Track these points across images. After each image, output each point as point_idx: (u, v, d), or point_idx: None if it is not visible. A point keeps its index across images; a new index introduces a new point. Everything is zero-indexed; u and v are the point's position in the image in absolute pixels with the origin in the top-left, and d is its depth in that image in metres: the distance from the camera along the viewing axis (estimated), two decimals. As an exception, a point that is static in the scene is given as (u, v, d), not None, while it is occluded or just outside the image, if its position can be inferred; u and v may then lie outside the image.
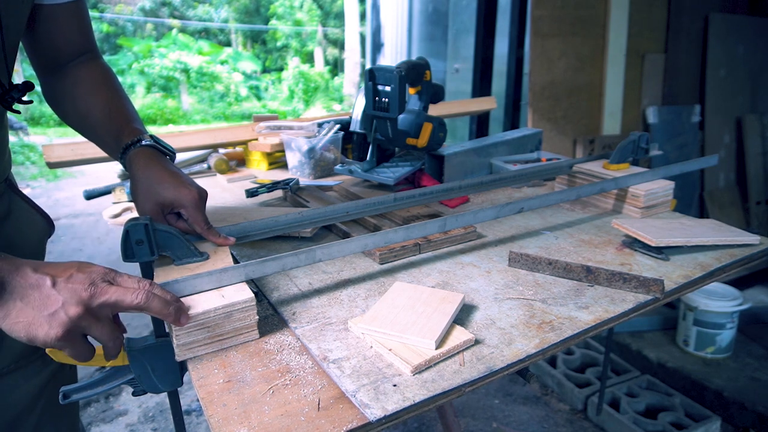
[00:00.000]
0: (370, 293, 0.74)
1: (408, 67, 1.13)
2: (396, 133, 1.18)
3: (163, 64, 11.17)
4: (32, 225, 0.83)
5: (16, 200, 0.81)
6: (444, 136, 1.23)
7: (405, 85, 1.11)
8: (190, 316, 0.58)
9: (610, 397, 2.03)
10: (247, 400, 0.53)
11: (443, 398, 0.55)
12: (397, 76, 1.07)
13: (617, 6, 2.60)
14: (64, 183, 6.07)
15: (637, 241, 0.88)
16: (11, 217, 0.79)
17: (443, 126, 1.24)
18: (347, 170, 1.24)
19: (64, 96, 0.85)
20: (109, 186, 1.29)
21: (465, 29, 3.80)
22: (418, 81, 1.21)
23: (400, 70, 1.08)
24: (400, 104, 1.10)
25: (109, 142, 0.82)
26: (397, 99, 1.09)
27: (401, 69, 1.09)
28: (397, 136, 1.19)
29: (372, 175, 1.20)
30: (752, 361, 2.21)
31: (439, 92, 1.30)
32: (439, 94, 1.30)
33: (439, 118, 1.23)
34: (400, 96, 1.09)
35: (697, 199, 2.94)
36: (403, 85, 1.09)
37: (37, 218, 0.85)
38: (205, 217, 0.75)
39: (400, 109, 1.11)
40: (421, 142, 1.18)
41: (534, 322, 0.66)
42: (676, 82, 2.88)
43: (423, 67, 1.21)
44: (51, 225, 0.89)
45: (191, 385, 0.70)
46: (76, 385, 0.63)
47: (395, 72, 1.08)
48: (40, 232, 0.86)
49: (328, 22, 14.74)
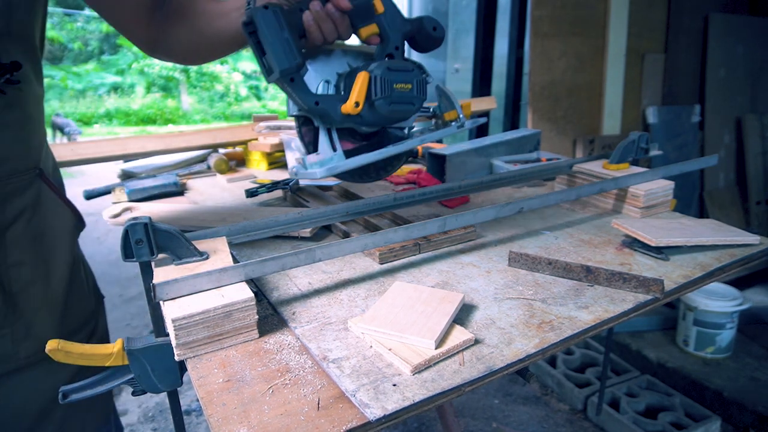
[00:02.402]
0: (370, 293, 0.74)
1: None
2: (306, 97, 0.77)
3: (162, 64, 11.17)
4: (61, 219, 0.84)
5: (46, 191, 0.81)
6: (417, 86, 0.79)
7: (278, 21, 0.72)
8: (190, 316, 0.58)
9: (610, 397, 2.03)
10: (246, 400, 0.53)
11: (443, 398, 0.55)
12: (262, 14, 0.71)
13: (617, 6, 2.60)
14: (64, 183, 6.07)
15: (637, 241, 0.88)
16: (41, 208, 0.79)
17: (407, 71, 0.78)
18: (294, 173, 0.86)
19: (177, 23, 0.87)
20: (109, 186, 1.29)
21: (465, 29, 3.80)
22: (363, 17, 0.79)
23: (272, 4, 0.73)
24: (285, 52, 0.72)
25: (226, 14, 0.84)
26: (278, 46, 0.72)
27: (272, 3, 0.73)
28: (308, 102, 0.77)
29: (307, 170, 0.82)
30: (752, 361, 2.21)
31: (424, 28, 0.83)
32: (424, 30, 0.83)
33: (398, 62, 0.78)
34: (279, 40, 0.72)
35: (697, 199, 2.94)
36: (273, 21, 0.71)
37: (67, 213, 0.85)
38: None
39: (286, 56, 0.72)
40: (350, 102, 0.75)
41: (534, 322, 0.66)
42: (676, 82, 2.88)
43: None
44: (81, 221, 0.90)
45: (191, 385, 0.70)
46: (75, 385, 0.63)
47: (261, 9, 0.72)
48: (70, 227, 0.86)
49: (328, 22, 14.72)
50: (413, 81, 0.78)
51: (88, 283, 0.93)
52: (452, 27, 4.04)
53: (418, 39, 0.84)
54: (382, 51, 0.82)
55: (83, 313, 0.89)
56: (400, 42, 0.82)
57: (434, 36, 0.83)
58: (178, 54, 0.92)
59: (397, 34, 0.81)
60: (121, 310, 3.02)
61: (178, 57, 0.93)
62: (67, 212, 0.86)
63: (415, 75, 0.78)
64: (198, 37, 0.87)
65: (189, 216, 1.06)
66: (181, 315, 0.58)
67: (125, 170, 1.44)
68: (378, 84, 0.76)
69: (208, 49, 0.90)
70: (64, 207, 0.85)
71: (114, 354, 0.61)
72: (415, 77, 0.78)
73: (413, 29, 0.82)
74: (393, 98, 0.76)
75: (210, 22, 0.85)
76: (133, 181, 1.28)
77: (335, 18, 0.77)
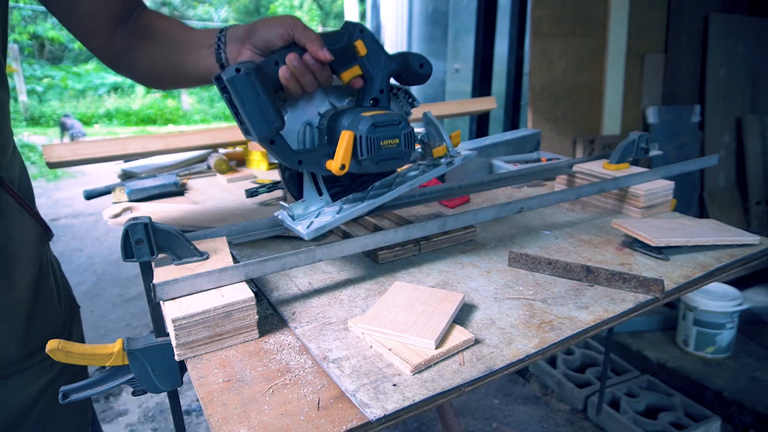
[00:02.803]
0: (370, 293, 0.74)
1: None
2: (288, 158, 0.73)
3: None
4: (25, 229, 0.79)
5: (8, 201, 0.76)
6: (404, 141, 0.74)
7: (253, 85, 0.67)
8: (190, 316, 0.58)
9: (610, 397, 2.03)
10: (246, 400, 0.53)
11: (443, 398, 0.55)
12: (235, 80, 0.66)
13: (617, 6, 2.60)
14: (64, 183, 6.07)
15: (637, 241, 0.88)
16: (1, 219, 0.74)
17: (394, 124, 0.73)
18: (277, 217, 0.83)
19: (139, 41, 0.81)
20: (109, 186, 1.29)
21: (465, 29, 3.80)
22: (344, 61, 0.75)
23: (245, 65, 0.67)
24: (263, 116, 0.68)
25: (195, 50, 0.77)
26: (254, 111, 0.67)
27: (246, 64, 0.67)
28: (291, 162, 0.73)
29: (294, 223, 0.77)
30: (752, 361, 2.21)
31: (410, 66, 0.79)
32: (410, 68, 0.79)
33: (384, 115, 0.72)
34: (256, 105, 0.67)
35: (697, 199, 2.94)
36: (247, 86, 0.66)
37: (31, 223, 0.80)
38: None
39: (263, 121, 0.68)
40: (335, 164, 0.71)
41: (534, 322, 0.66)
42: (676, 82, 2.88)
43: (340, 36, 0.74)
44: (48, 231, 0.85)
45: (191, 384, 0.70)
46: (75, 385, 0.63)
47: (233, 74, 0.66)
48: (34, 237, 0.80)
49: (328, 22, 14.74)
50: (400, 135, 0.73)
51: (60, 293, 0.88)
52: (452, 27, 4.04)
53: (404, 76, 0.80)
54: (366, 94, 0.78)
55: (53, 326, 0.84)
56: (385, 84, 0.78)
57: (421, 73, 0.80)
58: (139, 75, 0.85)
59: (382, 74, 0.77)
60: (121, 310, 3.02)
61: (139, 78, 0.86)
62: (31, 222, 0.80)
63: (402, 128, 0.73)
64: (163, 63, 0.80)
65: (189, 216, 1.06)
66: (181, 315, 0.58)
67: (125, 170, 1.44)
68: (364, 143, 0.71)
69: (172, 78, 0.82)
70: (28, 217, 0.79)
71: (114, 354, 0.61)
72: (402, 131, 0.73)
73: (399, 67, 0.78)
74: (380, 156, 0.73)
75: (177, 53, 0.78)
76: (133, 181, 1.28)
77: (314, 69, 0.72)
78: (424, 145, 0.86)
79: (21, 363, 0.77)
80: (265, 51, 0.72)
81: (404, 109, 0.84)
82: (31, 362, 0.78)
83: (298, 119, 0.78)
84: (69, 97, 10.59)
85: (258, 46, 0.72)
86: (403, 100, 0.84)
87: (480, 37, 3.16)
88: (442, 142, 0.83)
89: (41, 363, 0.80)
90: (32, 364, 0.78)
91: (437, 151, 0.83)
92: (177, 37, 0.79)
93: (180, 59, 0.78)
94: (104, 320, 2.92)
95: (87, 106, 10.31)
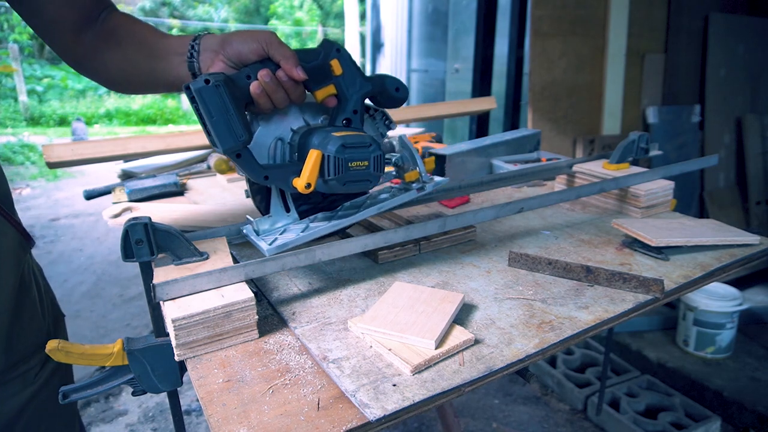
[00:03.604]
0: (370, 293, 0.74)
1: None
2: (255, 173, 0.72)
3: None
4: (4, 237, 0.75)
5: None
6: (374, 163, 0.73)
7: (221, 97, 0.66)
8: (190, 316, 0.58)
9: (610, 397, 2.03)
10: (246, 400, 0.53)
11: (443, 398, 0.55)
12: (203, 90, 0.65)
13: (617, 6, 2.60)
14: (64, 183, 6.07)
15: (637, 241, 0.88)
16: None
17: (364, 146, 0.72)
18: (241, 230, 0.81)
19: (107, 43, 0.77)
20: (109, 186, 1.29)
21: (465, 29, 3.80)
22: (319, 79, 0.74)
23: (214, 76, 0.66)
24: (229, 129, 0.67)
25: (166, 56, 0.75)
26: (221, 123, 0.67)
27: (215, 75, 0.66)
28: (257, 177, 0.72)
29: (258, 239, 0.76)
30: (752, 361, 2.21)
31: (386, 90, 0.79)
32: (386, 91, 0.79)
33: (354, 137, 0.72)
34: (223, 117, 0.66)
35: (697, 199, 2.94)
36: (215, 99, 0.66)
37: (10, 230, 0.77)
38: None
39: (229, 134, 0.67)
40: (301, 182, 0.70)
41: (534, 322, 0.66)
42: (676, 82, 2.88)
43: (315, 54, 0.74)
44: (28, 239, 0.82)
45: (191, 385, 0.70)
46: (75, 385, 0.63)
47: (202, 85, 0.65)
48: (14, 245, 0.77)
49: (328, 21, 14.74)
50: (370, 157, 0.72)
51: (43, 302, 0.85)
52: (452, 27, 4.04)
53: (379, 99, 0.80)
54: (339, 114, 0.77)
55: (36, 335, 0.81)
56: (359, 105, 0.77)
57: (396, 97, 0.80)
58: (104, 79, 0.82)
59: (357, 95, 0.77)
60: (121, 310, 3.02)
61: (104, 81, 0.83)
62: (10, 230, 0.76)
63: (372, 151, 0.73)
64: (131, 68, 0.77)
65: (189, 216, 1.06)
66: (181, 315, 0.58)
67: (125, 170, 1.44)
68: (332, 163, 0.70)
69: (140, 83, 0.80)
70: (6, 224, 0.76)
71: (114, 354, 0.61)
72: (372, 153, 0.73)
73: (374, 89, 0.78)
74: (348, 177, 0.72)
75: (148, 59, 0.76)
76: (133, 181, 1.28)
77: (287, 86, 0.71)
78: (398, 168, 0.86)
79: (3, 375, 0.75)
80: (238, 64, 0.71)
81: (380, 130, 0.84)
82: (15, 374, 0.76)
83: (270, 134, 0.78)
84: (69, 97, 10.59)
85: (231, 59, 0.71)
86: (379, 121, 0.83)
87: (480, 37, 3.16)
88: (415, 167, 0.84)
89: (25, 374, 0.77)
90: (15, 375, 0.76)
91: (410, 175, 0.84)
92: (148, 42, 0.77)
93: (150, 65, 0.76)
94: (104, 320, 2.92)
95: (87, 106, 10.31)
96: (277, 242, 0.73)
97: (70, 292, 3.23)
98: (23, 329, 0.78)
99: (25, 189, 5.76)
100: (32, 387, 0.78)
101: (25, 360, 0.78)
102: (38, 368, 0.79)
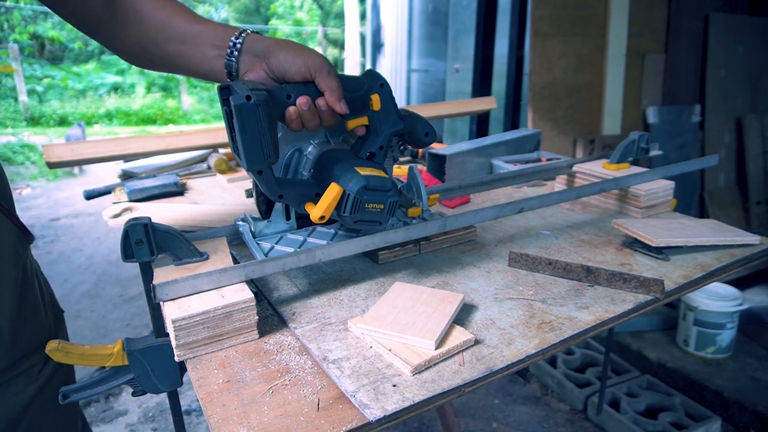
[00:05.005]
0: (370, 293, 0.74)
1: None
2: (271, 190, 0.70)
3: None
4: (3, 234, 0.74)
5: None
6: (388, 207, 0.73)
7: (258, 117, 0.63)
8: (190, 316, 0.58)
9: (610, 397, 2.03)
10: (246, 401, 0.53)
11: (443, 398, 0.55)
12: (243, 107, 0.62)
13: (617, 6, 2.60)
14: (64, 183, 6.08)
15: (637, 241, 0.87)
16: None
17: (384, 190, 0.71)
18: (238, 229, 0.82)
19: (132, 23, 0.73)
20: (109, 186, 1.29)
21: (465, 29, 3.80)
22: (355, 110, 0.73)
23: (256, 94, 0.63)
24: (260, 149, 0.65)
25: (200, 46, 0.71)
26: (253, 142, 0.64)
27: (258, 92, 0.63)
28: (272, 194, 0.71)
29: (253, 241, 0.77)
30: (752, 361, 2.21)
31: (416, 132, 0.78)
32: (415, 133, 0.78)
33: (378, 178, 0.71)
34: (257, 136, 0.64)
35: (697, 199, 2.94)
36: (253, 117, 0.63)
37: (9, 227, 0.75)
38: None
39: (259, 153, 0.65)
40: (316, 213, 0.69)
41: (534, 322, 0.66)
42: (676, 82, 2.88)
43: (359, 85, 0.72)
44: (28, 235, 0.80)
45: (191, 385, 0.69)
46: (75, 386, 0.63)
47: (243, 101, 0.62)
48: (14, 242, 0.76)
49: (328, 21, 14.74)
50: (386, 202, 0.72)
51: (44, 299, 0.84)
52: (452, 27, 4.04)
53: (407, 138, 0.79)
54: (365, 146, 0.76)
55: (38, 333, 0.80)
56: (387, 141, 0.76)
57: (424, 141, 0.79)
58: (121, 52, 0.78)
59: (387, 131, 0.76)
60: (121, 310, 3.02)
61: (121, 54, 0.78)
62: (9, 226, 0.75)
63: (390, 196, 0.72)
64: (154, 48, 0.73)
65: (189, 216, 1.06)
66: (181, 316, 0.58)
67: (125, 170, 1.44)
68: (350, 202, 0.69)
69: (162, 64, 0.76)
70: (6, 220, 0.75)
71: (114, 354, 0.61)
72: (389, 198, 0.72)
73: (405, 129, 0.77)
74: (361, 217, 0.72)
75: (171, 42, 0.72)
76: (133, 181, 1.28)
77: (324, 115, 0.69)
78: (402, 195, 0.85)
79: (7, 372, 0.74)
80: (280, 79, 0.69)
81: (394, 154, 0.83)
82: (18, 371, 0.76)
83: (289, 142, 0.77)
84: (69, 97, 10.59)
85: (274, 71, 0.69)
86: (395, 145, 0.82)
87: (480, 37, 3.16)
88: (419, 202, 0.84)
89: (28, 371, 0.77)
90: (19, 372, 0.76)
91: (413, 211, 0.84)
92: (173, 25, 0.71)
93: (177, 50, 0.72)
94: (104, 320, 2.92)
95: (87, 106, 10.31)
96: (272, 254, 0.74)
97: (70, 292, 3.23)
98: (26, 325, 0.78)
99: (25, 189, 5.76)
100: (35, 384, 0.78)
101: (28, 356, 0.77)
102: (41, 365, 0.79)
